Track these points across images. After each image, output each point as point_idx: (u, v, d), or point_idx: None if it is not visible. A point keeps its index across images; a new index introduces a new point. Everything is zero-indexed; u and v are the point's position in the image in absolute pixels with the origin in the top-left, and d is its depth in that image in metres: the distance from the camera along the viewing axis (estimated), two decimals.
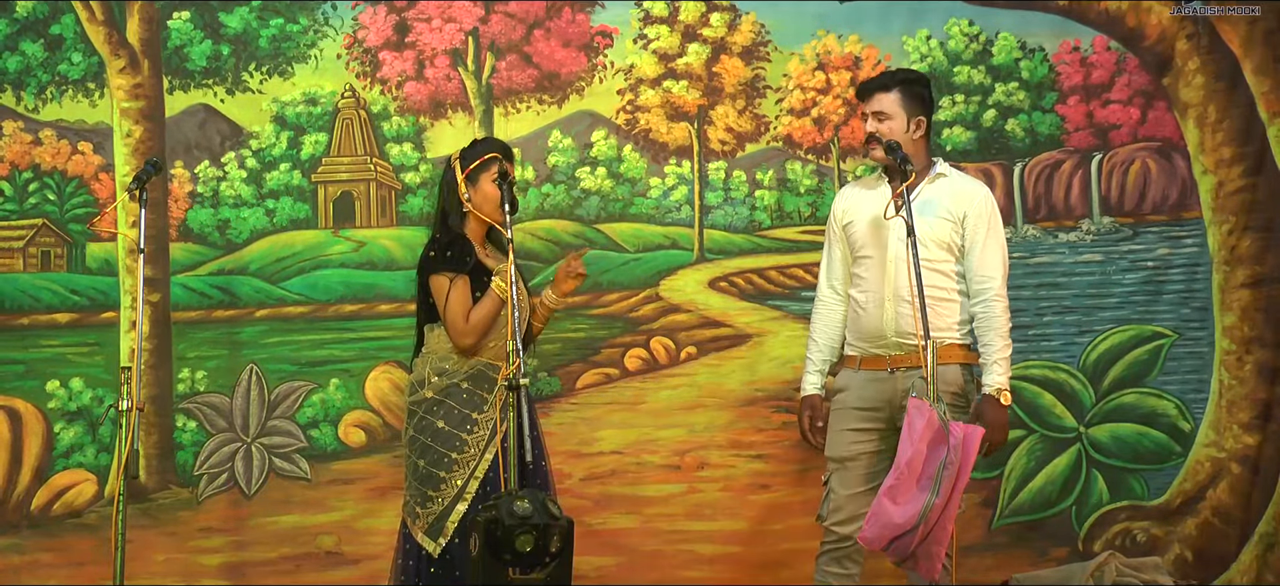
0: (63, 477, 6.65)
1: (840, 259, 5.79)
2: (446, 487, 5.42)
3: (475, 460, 5.42)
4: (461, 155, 5.64)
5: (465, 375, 5.46)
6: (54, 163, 6.74)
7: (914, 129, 5.63)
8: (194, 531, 6.65)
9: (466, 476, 5.42)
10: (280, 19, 6.83)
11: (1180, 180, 7.09)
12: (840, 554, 5.61)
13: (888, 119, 5.60)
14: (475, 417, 5.44)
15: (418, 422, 5.50)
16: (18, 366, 6.67)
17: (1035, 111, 7.11)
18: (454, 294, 5.46)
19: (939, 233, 5.54)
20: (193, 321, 6.75)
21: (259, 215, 6.80)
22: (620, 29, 6.97)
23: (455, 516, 5.40)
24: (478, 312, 5.44)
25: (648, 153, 6.96)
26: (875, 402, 5.57)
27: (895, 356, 5.53)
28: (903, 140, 5.57)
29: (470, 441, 5.42)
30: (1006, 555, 6.88)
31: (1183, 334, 7.02)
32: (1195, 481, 6.97)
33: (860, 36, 7.07)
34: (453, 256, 5.49)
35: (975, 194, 5.64)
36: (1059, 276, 7.06)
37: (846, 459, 5.59)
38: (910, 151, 5.57)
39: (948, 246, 5.55)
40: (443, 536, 5.41)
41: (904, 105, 5.61)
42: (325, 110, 6.84)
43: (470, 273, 5.49)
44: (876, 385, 5.56)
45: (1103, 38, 7.12)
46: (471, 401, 5.45)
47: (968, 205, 5.57)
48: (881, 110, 5.61)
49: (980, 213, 5.58)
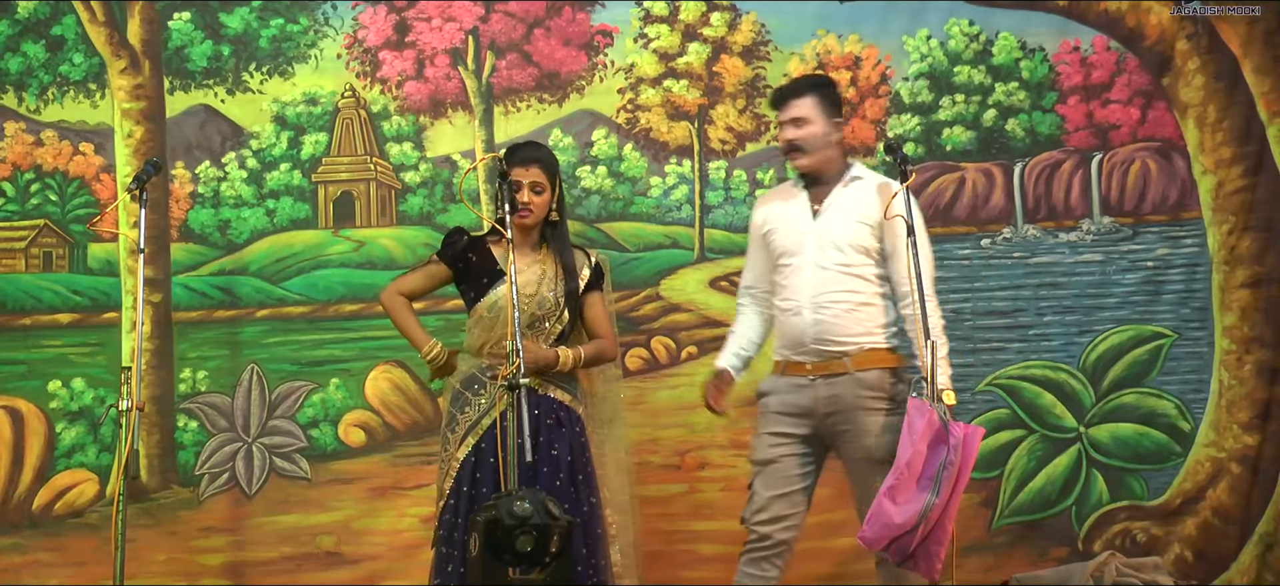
0: (64, 477, 6.66)
1: (761, 268, 5.70)
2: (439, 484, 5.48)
3: (450, 459, 5.43)
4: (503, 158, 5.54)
5: (461, 376, 5.48)
6: (55, 163, 6.75)
7: (832, 131, 5.54)
8: (195, 531, 6.66)
9: (443, 476, 5.44)
10: (280, 19, 6.84)
11: (1180, 180, 7.09)
12: (758, 556, 5.57)
13: (807, 124, 5.49)
14: (458, 417, 5.45)
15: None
16: (19, 366, 6.68)
17: (1035, 111, 7.11)
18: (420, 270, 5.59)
19: (855, 237, 5.44)
20: (194, 321, 6.76)
21: (259, 215, 6.81)
22: (620, 28, 6.98)
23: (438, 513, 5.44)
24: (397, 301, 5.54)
25: (648, 152, 6.97)
26: (796, 409, 5.49)
27: (815, 364, 5.45)
28: (821, 144, 5.50)
29: (451, 440, 5.44)
30: (1006, 555, 6.89)
31: (1182, 334, 7.03)
32: (1195, 481, 6.98)
33: (860, 36, 7.07)
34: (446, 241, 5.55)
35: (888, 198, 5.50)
36: (1059, 276, 7.06)
37: (768, 462, 5.55)
38: (831, 155, 5.54)
39: (864, 250, 5.44)
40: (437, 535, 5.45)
41: (821, 109, 5.51)
42: (325, 110, 6.85)
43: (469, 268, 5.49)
44: (798, 392, 5.48)
45: (1103, 38, 7.12)
46: (459, 401, 5.47)
47: (881, 206, 5.44)
48: (799, 116, 5.50)
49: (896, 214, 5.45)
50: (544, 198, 5.50)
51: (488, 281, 5.50)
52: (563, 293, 5.53)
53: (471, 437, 5.44)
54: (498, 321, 5.38)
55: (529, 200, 5.45)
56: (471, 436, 5.43)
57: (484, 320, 5.47)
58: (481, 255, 5.51)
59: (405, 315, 5.51)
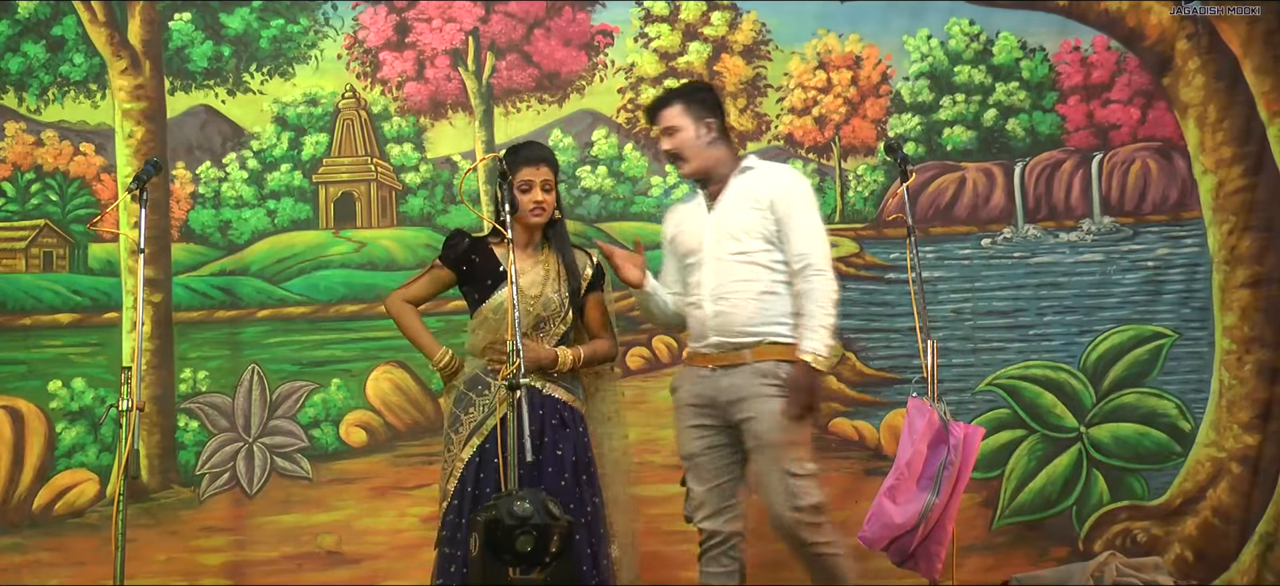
0: (64, 477, 6.66)
1: (671, 275, 5.77)
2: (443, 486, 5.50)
3: (453, 459, 5.44)
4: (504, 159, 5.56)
5: (465, 377, 5.49)
6: (56, 163, 6.75)
7: (705, 133, 5.59)
8: (196, 531, 6.66)
9: (447, 477, 5.46)
10: (281, 20, 6.84)
11: (1180, 180, 7.09)
12: (714, 552, 5.60)
13: (678, 132, 5.59)
14: (462, 418, 5.47)
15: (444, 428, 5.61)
16: (20, 366, 6.68)
17: (1036, 111, 7.11)
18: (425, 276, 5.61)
19: (747, 222, 5.49)
20: (194, 322, 6.76)
21: (260, 216, 6.81)
22: (621, 28, 6.98)
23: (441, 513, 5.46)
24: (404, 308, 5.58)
25: (649, 151, 6.97)
26: (700, 400, 5.55)
27: (715, 356, 5.50)
28: (696, 148, 5.57)
29: (455, 440, 5.45)
30: (1006, 555, 6.89)
31: (1183, 334, 7.03)
32: (1195, 481, 6.98)
33: (861, 35, 7.07)
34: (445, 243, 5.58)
35: (780, 178, 5.60)
36: (1059, 276, 7.06)
37: (694, 455, 5.59)
38: (715, 155, 5.60)
39: (760, 235, 5.48)
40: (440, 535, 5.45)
41: (689, 114, 5.59)
42: (326, 111, 6.85)
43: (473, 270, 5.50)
44: (701, 382, 5.55)
45: (1103, 38, 7.12)
46: (462, 401, 5.49)
47: (772, 191, 5.50)
48: (669, 126, 5.61)
49: (786, 195, 5.50)
50: (551, 196, 5.55)
51: (491, 283, 5.51)
52: (567, 292, 5.56)
53: (476, 438, 5.45)
54: (502, 322, 5.37)
55: (541, 199, 5.48)
56: (476, 437, 5.45)
57: (489, 321, 5.48)
58: (484, 257, 5.52)
59: (414, 323, 5.55)
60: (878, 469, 6.72)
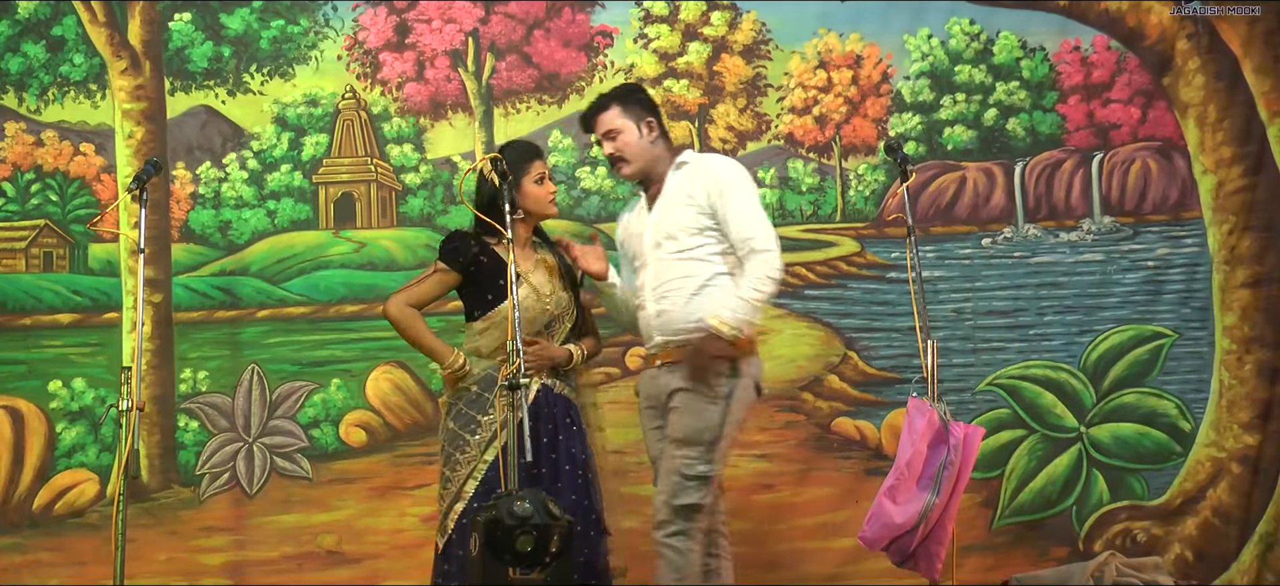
0: (65, 477, 6.66)
1: (627, 277, 5.75)
2: (451, 485, 5.47)
3: (475, 460, 5.44)
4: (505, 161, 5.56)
5: (476, 378, 5.49)
6: (56, 164, 6.75)
7: (646, 132, 5.56)
8: (196, 530, 6.66)
9: (465, 476, 5.44)
10: (281, 20, 6.85)
11: (1180, 180, 7.09)
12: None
13: (619, 134, 5.55)
14: (480, 419, 5.47)
15: (441, 426, 5.59)
16: (20, 367, 6.69)
17: (1036, 111, 7.11)
18: (429, 280, 5.53)
19: (683, 219, 5.45)
20: (195, 322, 6.76)
21: (260, 216, 6.81)
22: (620, 29, 6.98)
23: (454, 515, 5.43)
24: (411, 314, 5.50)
25: None
26: (652, 401, 5.55)
27: (661, 354, 5.49)
28: (639, 148, 5.54)
29: (473, 442, 5.45)
30: (1006, 555, 6.88)
31: (1183, 333, 7.03)
32: (1195, 481, 6.98)
33: (861, 35, 7.08)
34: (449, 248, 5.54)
35: (711, 167, 5.52)
36: (1060, 276, 7.06)
37: (655, 459, 5.58)
38: (655, 155, 5.56)
39: (697, 229, 5.44)
40: (443, 534, 5.46)
41: (628, 114, 5.55)
42: (326, 111, 6.85)
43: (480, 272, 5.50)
44: (651, 382, 5.55)
45: (1103, 37, 7.12)
46: (479, 404, 5.48)
47: (705, 181, 5.44)
48: (610, 129, 5.56)
49: (718, 183, 5.43)
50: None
51: (504, 283, 5.50)
52: (572, 290, 5.58)
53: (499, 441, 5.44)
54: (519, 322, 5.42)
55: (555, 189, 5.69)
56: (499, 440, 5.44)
57: (500, 325, 5.47)
58: (491, 258, 5.52)
59: (421, 328, 5.51)
60: (878, 469, 6.72)
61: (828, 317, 7.00)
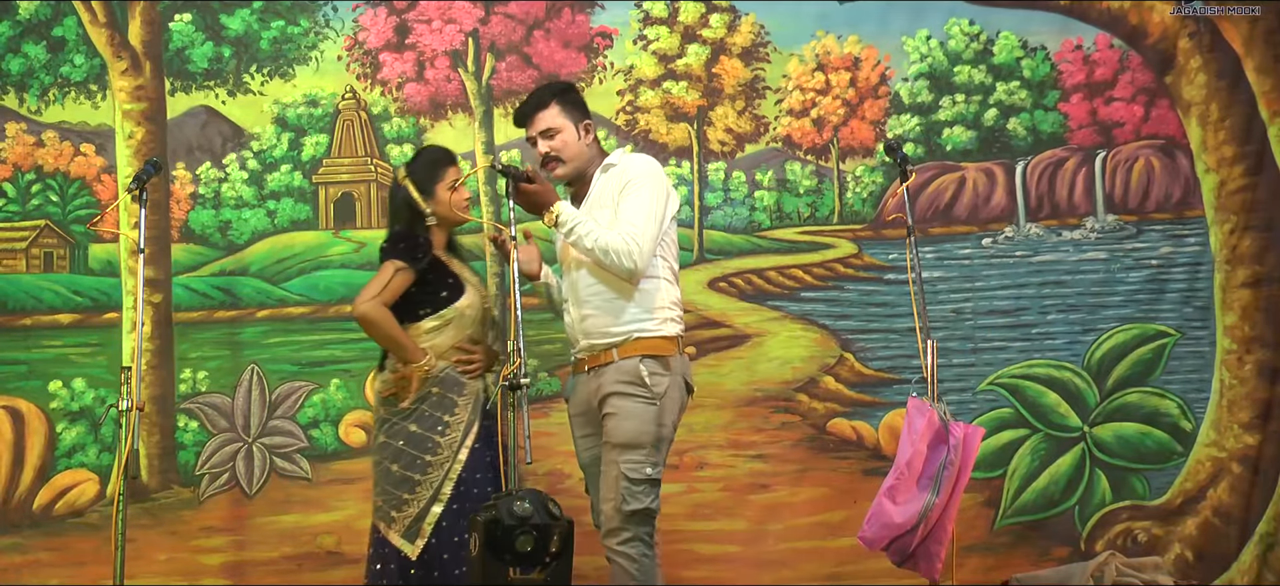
0: (65, 477, 6.67)
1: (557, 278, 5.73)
2: (422, 490, 5.43)
3: (449, 461, 5.44)
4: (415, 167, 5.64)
5: (437, 378, 5.48)
6: (56, 164, 6.76)
7: (584, 134, 5.51)
8: (195, 531, 6.67)
9: (441, 478, 5.44)
10: (281, 21, 6.85)
11: (1183, 178, 7.09)
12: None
13: (558, 133, 5.47)
14: (446, 420, 5.47)
15: (390, 429, 5.51)
16: (20, 366, 6.70)
17: (1037, 110, 7.11)
18: (394, 280, 5.46)
19: (603, 222, 5.37)
20: (194, 322, 6.77)
21: (260, 216, 6.82)
22: (620, 30, 6.98)
23: (431, 518, 5.42)
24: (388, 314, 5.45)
25: (647, 153, 6.94)
26: (581, 407, 5.51)
27: (588, 359, 5.44)
28: (576, 148, 5.48)
29: (443, 443, 5.45)
30: (1007, 555, 6.88)
31: (1185, 333, 7.02)
32: (1196, 481, 6.97)
33: (860, 37, 7.07)
34: (405, 248, 5.51)
35: (627, 167, 5.44)
36: (1063, 275, 7.06)
37: (588, 465, 5.56)
38: (586, 156, 5.51)
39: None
40: (420, 538, 5.42)
41: (567, 114, 5.49)
42: (326, 111, 6.86)
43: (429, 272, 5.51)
44: (581, 387, 5.50)
45: (1105, 36, 7.11)
46: (442, 404, 5.48)
47: (620, 181, 5.39)
48: (548, 127, 5.47)
49: (626, 180, 5.37)
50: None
51: (454, 282, 5.57)
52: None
53: (469, 438, 5.46)
54: (470, 322, 5.53)
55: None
56: (469, 437, 5.46)
57: (455, 323, 5.53)
58: (435, 261, 5.56)
59: (397, 327, 5.47)
60: (876, 469, 6.73)
61: (824, 319, 7.00)
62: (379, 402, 5.57)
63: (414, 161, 5.68)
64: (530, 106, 5.53)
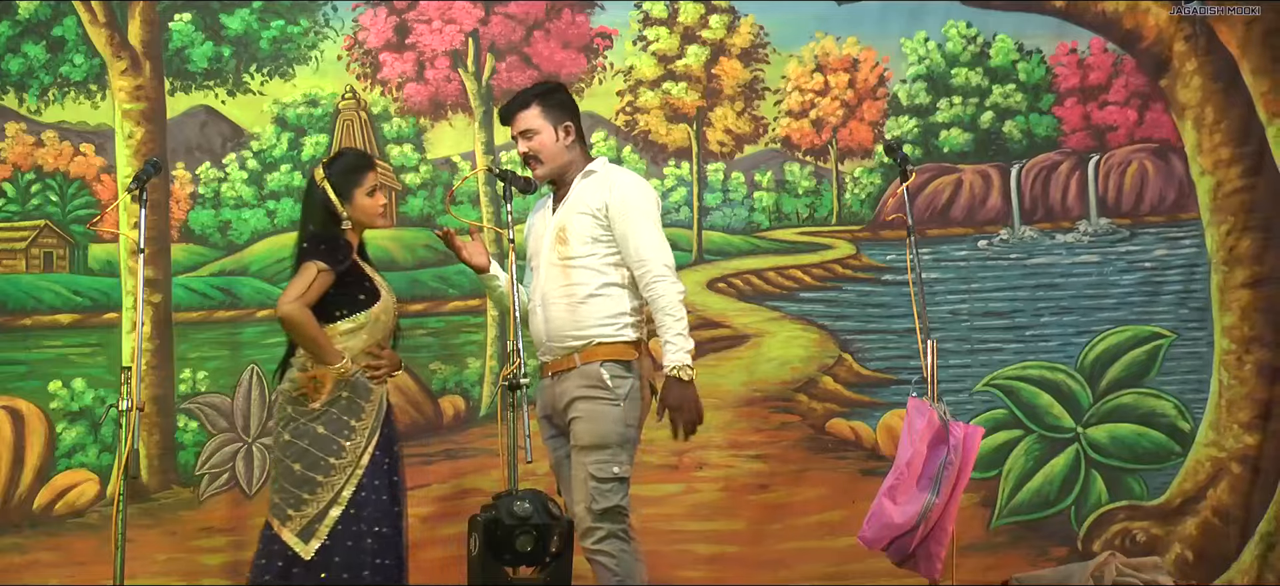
0: (65, 477, 6.65)
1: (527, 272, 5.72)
2: (323, 491, 5.40)
3: (352, 465, 5.42)
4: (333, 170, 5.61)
5: (345, 384, 5.46)
6: (56, 164, 6.75)
7: (563, 136, 5.52)
8: (195, 531, 6.65)
9: (343, 481, 5.40)
10: (281, 21, 6.85)
11: (1177, 181, 7.11)
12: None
13: (536, 135, 5.51)
14: (353, 424, 5.45)
15: (295, 428, 5.47)
16: (20, 367, 6.68)
17: (1032, 113, 7.13)
18: (316, 282, 5.41)
19: (581, 227, 5.42)
20: (194, 322, 6.76)
21: (260, 216, 6.81)
22: (620, 30, 6.99)
23: (329, 520, 5.38)
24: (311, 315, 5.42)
25: (647, 154, 6.98)
26: (547, 410, 5.54)
27: (552, 362, 5.47)
28: (554, 150, 5.51)
29: (347, 447, 5.42)
30: (1005, 555, 6.90)
31: (1181, 334, 7.05)
32: (1195, 481, 6.99)
33: (858, 38, 7.09)
34: (326, 249, 5.46)
35: (616, 184, 5.47)
36: (1056, 277, 7.08)
37: (556, 468, 5.59)
38: (569, 159, 5.53)
39: (592, 239, 5.41)
40: (315, 539, 5.38)
41: (547, 116, 5.51)
42: (326, 111, 6.86)
43: (346, 276, 5.49)
44: (545, 392, 5.53)
45: (1100, 39, 7.14)
46: (350, 409, 5.46)
47: (606, 195, 5.41)
48: (527, 128, 5.52)
49: (620, 202, 5.40)
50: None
51: (371, 286, 5.59)
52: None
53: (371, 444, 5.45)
54: (378, 328, 5.55)
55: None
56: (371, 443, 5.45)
57: (368, 327, 5.53)
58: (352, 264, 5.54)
59: (319, 329, 5.44)
60: (874, 469, 6.75)
61: (822, 320, 7.02)
62: (285, 400, 5.52)
63: (332, 163, 5.64)
64: (513, 106, 5.59)
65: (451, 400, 6.83)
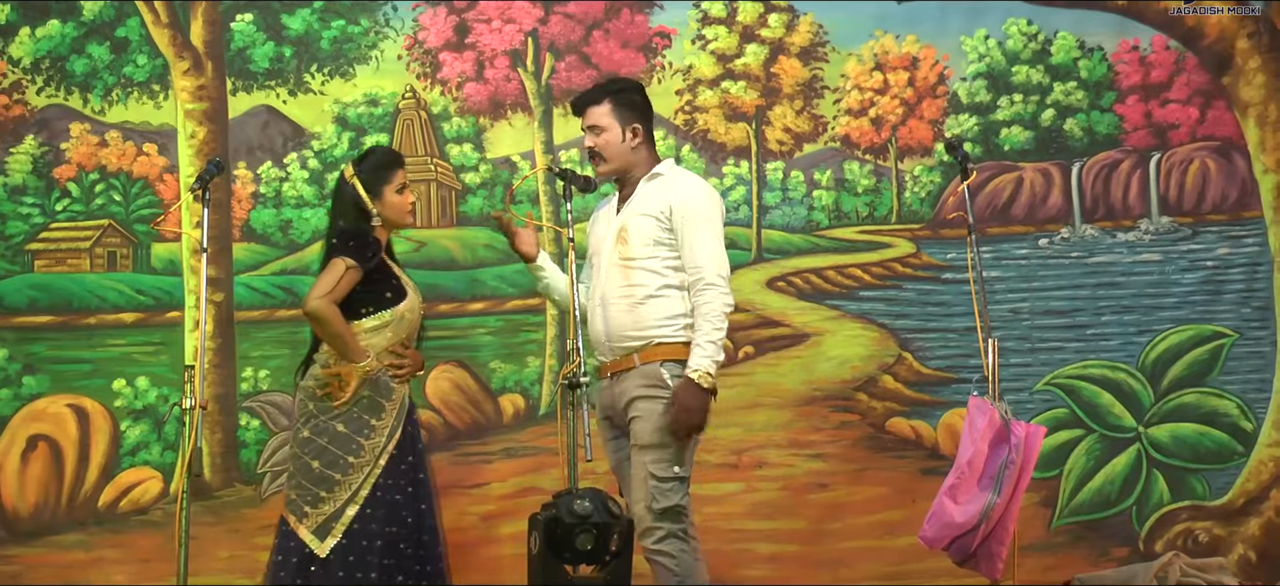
0: (129, 475, 6.71)
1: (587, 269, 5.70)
2: (340, 490, 5.40)
3: (371, 464, 5.42)
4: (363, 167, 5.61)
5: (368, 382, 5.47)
6: (119, 164, 6.80)
7: (630, 137, 5.49)
8: (257, 528, 6.66)
9: (361, 480, 5.40)
10: (342, 21, 6.88)
11: (1240, 179, 7.07)
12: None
13: (603, 132, 5.48)
14: (373, 423, 5.45)
15: (315, 424, 5.48)
16: (85, 365, 6.74)
17: (1093, 111, 7.09)
18: (344, 278, 5.41)
19: (643, 229, 5.39)
20: (256, 321, 6.80)
21: (321, 216, 6.82)
22: (679, 30, 7.00)
23: (345, 519, 5.39)
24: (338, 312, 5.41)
25: (706, 153, 6.98)
26: (607, 411, 5.52)
27: (611, 363, 5.45)
28: (619, 150, 5.48)
29: (366, 446, 5.42)
30: (1066, 555, 6.88)
31: (1243, 333, 7.00)
32: (1258, 481, 6.95)
33: (918, 36, 7.07)
34: (355, 246, 5.46)
35: (682, 188, 5.45)
36: (1118, 276, 7.05)
37: (617, 469, 5.57)
38: (630, 159, 5.50)
39: (654, 241, 5.38)
40: (331, 536, 5.39)
41: (616, 115, 5.47)
42: (386, 111, 6.88)
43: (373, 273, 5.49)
44: (605, 393, 5.50)
45: (1162, 37, 7.10)
46: (372, 407, 5.46)
47: (672, 199, 5.39)
48: (594, 124, 5.50)
49: (684, 206, 5.37)
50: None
51: (397, 283, 5.59)
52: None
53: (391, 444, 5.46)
54: (403, 326, 5.53)
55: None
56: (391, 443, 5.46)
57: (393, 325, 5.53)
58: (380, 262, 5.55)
59: (346, 326, 5.44)
60: (934, 469, 6.73)
61: (882, 318, 7.01)
62: (307, 397, 5.52)
63: (362, 161, 5.63)
64: (586, 98, 5.58)
65: (511, 399, 6.85)
